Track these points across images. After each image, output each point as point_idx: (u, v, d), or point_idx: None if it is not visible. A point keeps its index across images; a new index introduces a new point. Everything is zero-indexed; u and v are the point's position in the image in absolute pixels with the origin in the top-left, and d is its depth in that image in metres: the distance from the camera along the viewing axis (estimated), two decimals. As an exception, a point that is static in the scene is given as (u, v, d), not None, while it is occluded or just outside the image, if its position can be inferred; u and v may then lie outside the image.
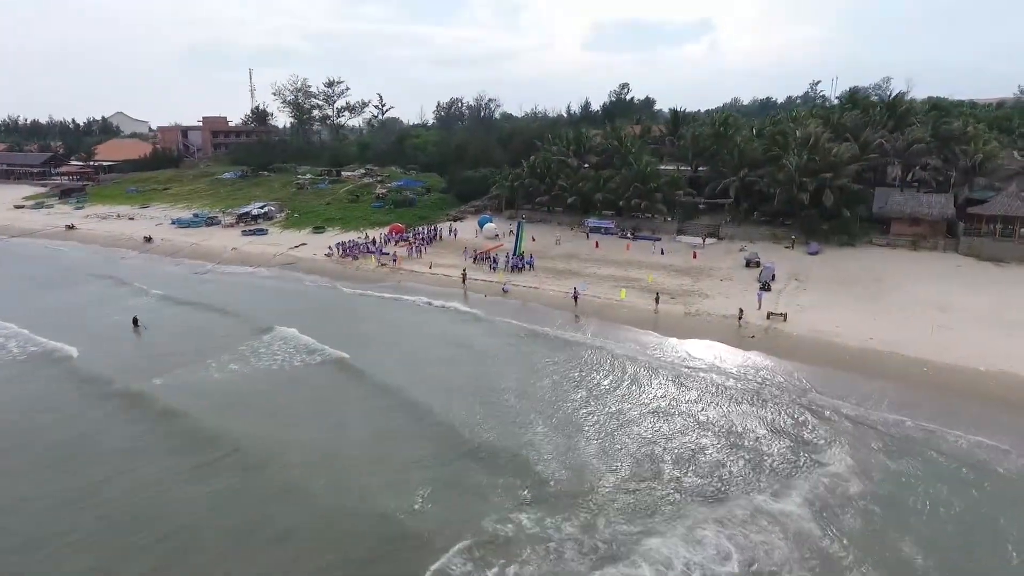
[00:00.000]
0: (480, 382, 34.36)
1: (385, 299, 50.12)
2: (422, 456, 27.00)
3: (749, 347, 38.24)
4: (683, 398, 32.11)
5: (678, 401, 31.80)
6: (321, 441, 28.45)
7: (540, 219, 77.62)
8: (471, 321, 44.80)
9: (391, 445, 28.05)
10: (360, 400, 32.52)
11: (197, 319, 45.64)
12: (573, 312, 45.83)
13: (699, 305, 45.29)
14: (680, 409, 30.91)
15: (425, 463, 26.50)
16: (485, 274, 55.54)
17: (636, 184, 69.36)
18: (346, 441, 28.58)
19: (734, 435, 28.34)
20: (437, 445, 27.90)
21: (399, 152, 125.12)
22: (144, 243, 72.58)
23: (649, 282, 51.08)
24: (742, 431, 28.66)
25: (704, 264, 56.48)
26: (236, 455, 27.08)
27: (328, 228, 78.54)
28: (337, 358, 37.45)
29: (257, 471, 25.97)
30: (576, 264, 58.38)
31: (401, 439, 28.50)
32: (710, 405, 31.35)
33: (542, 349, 39.24)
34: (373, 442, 28.41)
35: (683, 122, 79.17)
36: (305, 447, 27.88)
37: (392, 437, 28.77)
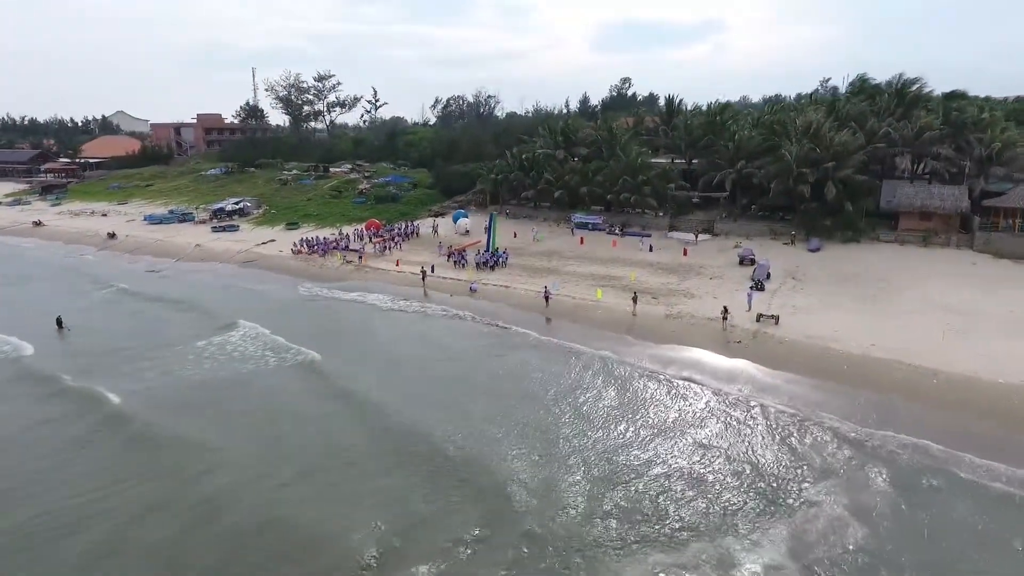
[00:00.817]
0: (421, 392, 30.17)
1: (341, 300, 46.01)
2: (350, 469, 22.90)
3: (734, 354, 33.78)
4: (649, 416, 27.68)
5: (642, 419, 27.39)
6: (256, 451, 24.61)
7: (525, 215, 73.37)
8: (426, 323, 40.67)
9: (325, 454, 24.07)
10: (294, 404, 28.47)
11: (128, 320, 41.83)
12: (542, 314, 41.52)
13: (683, 306, 40.85)
14: (643, 429, 26.50)
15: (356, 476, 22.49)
16: (455, 272, 51.38)
17: (625, 177, 64.91)
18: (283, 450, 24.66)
19: (706, 462, 23.92)
20: (369, 449, 23.84)
21: (391, 148, 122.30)
22: (107, 239, 69.08)
23: (631, 281, 46.73)
24: (716, 457, 24.24)
25: (694, 262, 52.02)
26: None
27: (302, 224, 74.89)
28: (295, 359, 33.54)
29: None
30: (556, 262, 54.09)
31: (336, 449, 24.45)
32: (680, 424, 26.94)
33: (498, 356, 34.98)
34: (309, 449, 24.41)
35: (678, 112, 74.54)
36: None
37: (324, 445, 24.79)
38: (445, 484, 22.55)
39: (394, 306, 44.14)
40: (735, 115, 71.36)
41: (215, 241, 65.84)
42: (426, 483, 22.61)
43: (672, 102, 75.56)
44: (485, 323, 39.93)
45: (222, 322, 39.91)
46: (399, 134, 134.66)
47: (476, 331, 38.78)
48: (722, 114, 70.47)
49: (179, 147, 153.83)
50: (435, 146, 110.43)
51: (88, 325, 40.18)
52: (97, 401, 29.14)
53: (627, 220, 66.56)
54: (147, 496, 22.00)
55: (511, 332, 38.42)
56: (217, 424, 27.16)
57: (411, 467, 23.65)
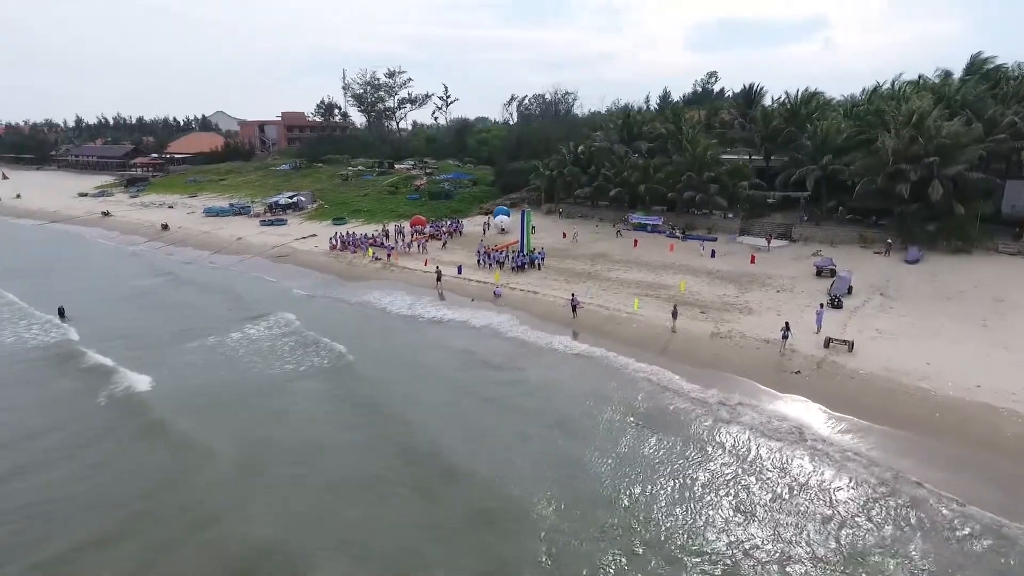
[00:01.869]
0: (406, 409, 25.59)
1: (342, 302, 41.81)
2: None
3: (789, 387, 27.01)
4: (657, 467, 21.76)
5: (647, 470, 21.51)
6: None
7: (581, 214, 67.65)
8: (415, 332, 35.90)
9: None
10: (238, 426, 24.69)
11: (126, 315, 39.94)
12: (567, 326, 35.93)
13: (735, 324, 34.07)
14: (646, 486, 20.66)
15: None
16: (484, 273, 46.57)
17: (690, 174, 57.91)
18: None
19: (727, 540, 17.87)
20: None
21: (461, 146, 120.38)
22: (160, 231, 69.37)
23: (680, 291, 40.26)
24: (740, 538, 18.11)
25: (761, 271, 44.68)
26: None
27: (349, 220, 72.77)
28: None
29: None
30: (602, 266, 48.19)
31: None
32: (694, 482, 20.86)
33: (496, 372, 29.84)
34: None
35: (757, 102, 66.38)
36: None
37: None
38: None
39: (396, 310, 39.72)
40: (823, 105, 62.35)
41: (259, 235, 64.44)
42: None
43: (751, 91, 67.43)
44: (489, 335, 34.75)
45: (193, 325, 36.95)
46: (471, 132, 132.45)
47: (472, 345, 33.51)
48: (807, 104, 61.86)
49: (262, 144, 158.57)
50: (504, 143, 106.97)
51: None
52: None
53: (691, 222, 59.54)
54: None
55: (533, 346, 33.17)
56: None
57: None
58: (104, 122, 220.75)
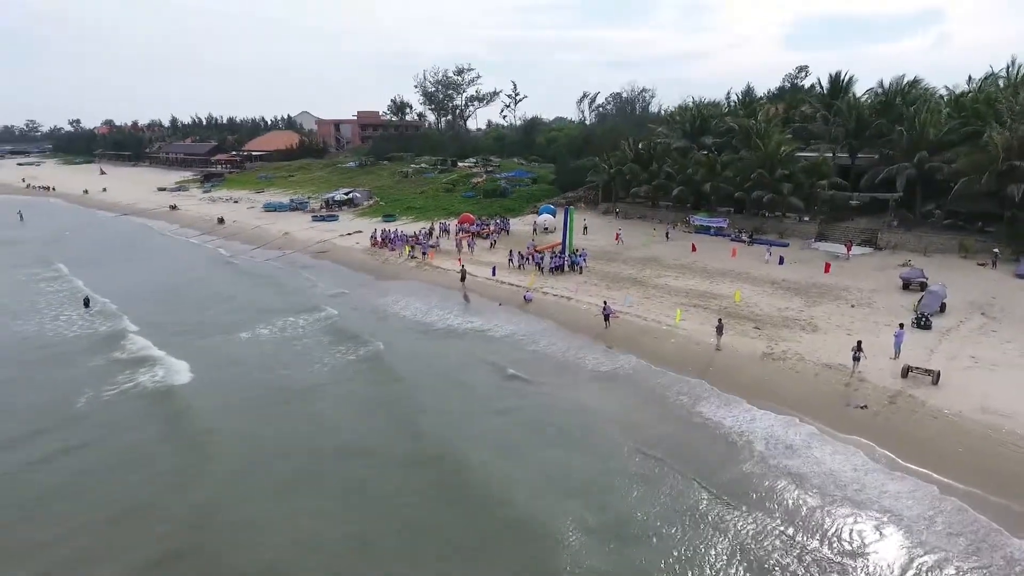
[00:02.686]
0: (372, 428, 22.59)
1: (367, 306, 39.10)
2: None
3: (850, 426, 21.95)
4: (666, 520, 17.59)
5: (656, 520, 17.40)
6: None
7: (640, 214, 62.89)
8: (443, 341, 32.70)
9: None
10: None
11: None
12: (597, 338, 31.84)
13: (793, 343, 28.93)
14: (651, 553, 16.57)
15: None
16: (518, 276, 43.03)
17: (760, 171, 52.11)
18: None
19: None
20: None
21: (528, 144, 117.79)
22: (216, 224, 70.19)
23: (736, 302, 35.28)
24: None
25: (836, 282, 38.84)
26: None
27: (401, 216, 71.16)
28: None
29: None
30: (651, 271, 43.62)
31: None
32: (681, 549, 16.58)
33: (503, 391, 26.28)
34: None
35: (843, 92, 59.21)
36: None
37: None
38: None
39: (412, 315, 36.70)
40: (923, 95, 54.72)
41: (307, 230, 63.72)
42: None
43: (837, 80, 60.29)
44: (508, 346, 31.11)
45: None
46: (542, 130, 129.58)
47: (486, 356, 29.93)
48: (905, 94, 54.55)
49: (337, 142, 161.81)
50: (572, 141, 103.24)
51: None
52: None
53: (761, 225, 53.71)
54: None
55: (542, 358, 29.48)
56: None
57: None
58: (197, 122, 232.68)
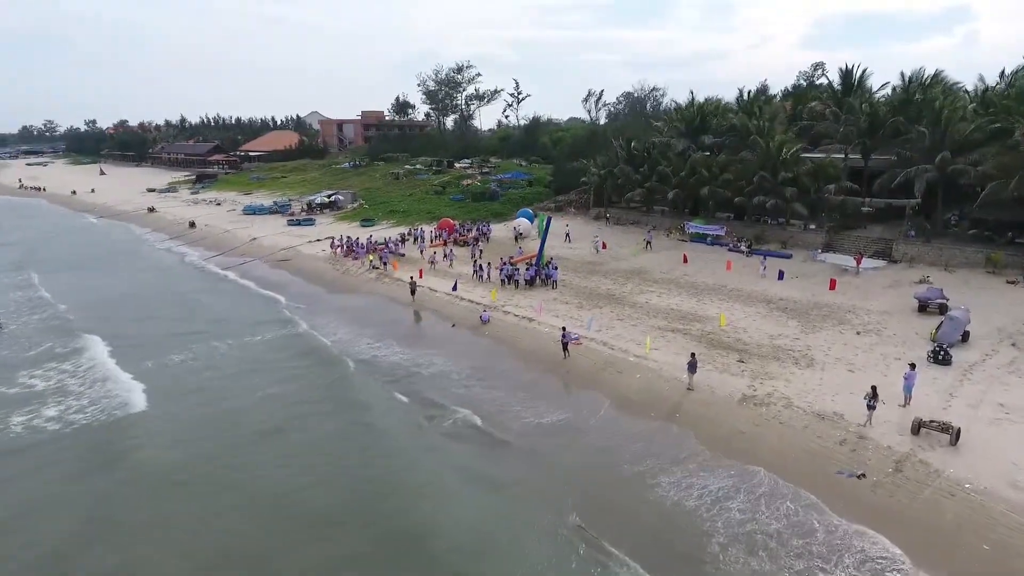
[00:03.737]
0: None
1: (299, 330, 34.45)
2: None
3: (843, 505, 17.08)
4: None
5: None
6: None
7: (633, 220, 57.96)
8: (356, 380, 28.12)
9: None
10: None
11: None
12: (552, 369, 27.21)
13: (782, 383, 24.04)
14: None
15: None
16: (482, 290, 38.42)
17: (762, 174, 47.06)
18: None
19: None
20: None
21: (530, 144, 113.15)
22: (186, 228, 66.61)
23: (721, 326, 30.42)
24: None
25: (841, 301, 33.80)
26: None
27: (382, 221, 67.11)
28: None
29: None
30: (633, 286, 38.83)
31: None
32: None
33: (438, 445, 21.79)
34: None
35: (857, 88, 53.86)
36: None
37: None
38: None
39: (341, 343, 32.11)
40: (947, 92, 49.21)
41: (277, 235, 59.80)
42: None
43: (850, 74, 54.92)
44: (432, 388, 26.30)
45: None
46: (547, 131, 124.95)
47: (394, 407, 25.19)
48: (926, 90, 49.09)
49: (340, 142, 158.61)
50: (576, 141, 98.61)
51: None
52: None
53: (763, 233, 48.64)
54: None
55: (489, 405, 24.90)
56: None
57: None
58: (206, 122, 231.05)
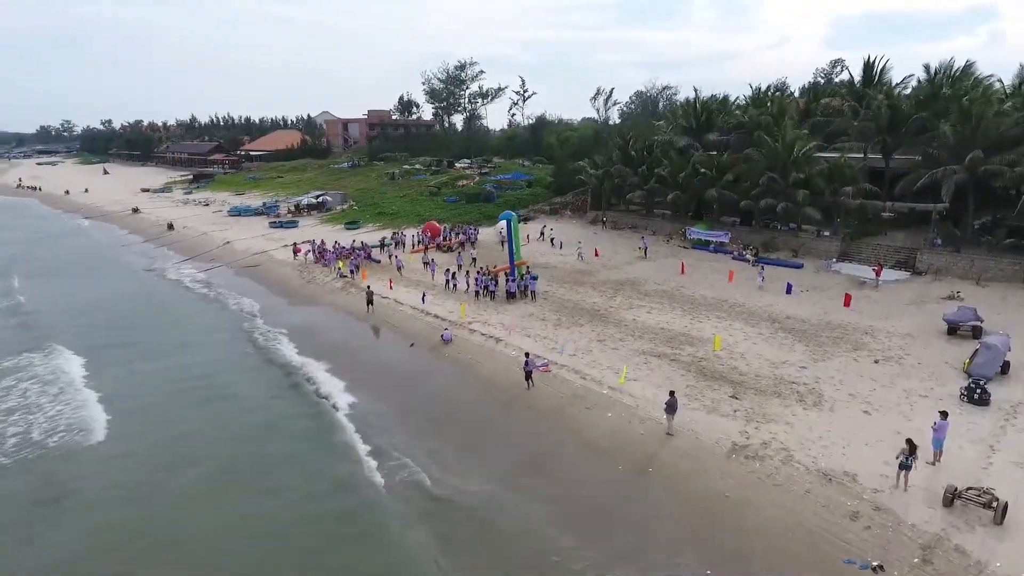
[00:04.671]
0: None
1: (241, 351, 30.66)
2: None
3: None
4: None
5: None
6: None
7: (631, 224, 53.75)
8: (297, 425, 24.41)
9: None
10: None
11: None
12: (510, 403, 23.26)
13: (780, 426, 19.85)
14: None
15: None
16: (453, 302, 34.50)
17: (770, 174, 42.73)
18: None
19: None
20: None
21: (535, 144, 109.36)
22: (164, 231, 63.55)
23: (715, 351, 26.28)
24: None
25: (857, 320, 29.47)
26: None
27: (369, 223, 63.62)
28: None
29: None
30: (622, 299, 34.73)
31: None
32: None
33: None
34: None
35: (878, 81, 49.20)
36: None
37: None
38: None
39: (278, 366, 28.57)
40: (978, 84, 44.51)
41: (254, 239, 56.44)
42: None
43: (869, 67, 50.33)
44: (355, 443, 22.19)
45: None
46: (554, 130, 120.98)
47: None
48: (954, 83, 44.49)
49: (345, 141, 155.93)
50: (582, 141, 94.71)
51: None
52: None
53: (772, 240, 44.33)
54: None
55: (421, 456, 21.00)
56: None
57: None
58: (215, 121, 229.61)
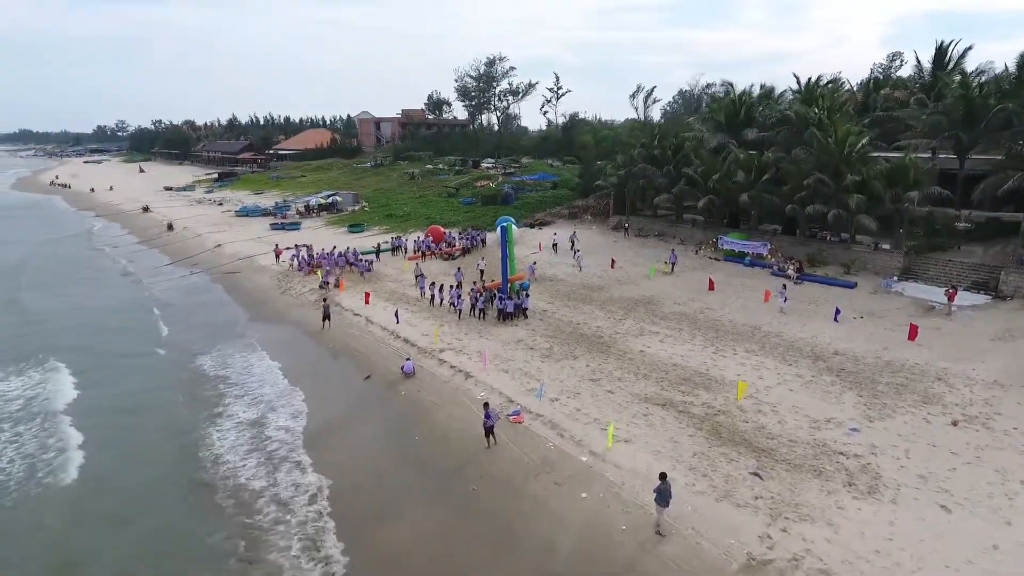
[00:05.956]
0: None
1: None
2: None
3: None
4: None
5: None
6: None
7: (658, 231, 47.67)
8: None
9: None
10: None
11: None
12: (461, 469, 18.00)
13: (819, 529, 13.97)
14: None
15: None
16: (432, 322, 29.37)
17: (819, 176, 36.25)
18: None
19: None
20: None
21: (567, 143, 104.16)
22: (163, 231, 60.58)
23: (738, 400, 20.47)
24: None
25: (927, 359, 23.13)
26: None
27: (374, 227, 59.38)
28: None
29: None
30: (634, 322, 29.04)
31: None
32: None
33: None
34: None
35: (952, 68, 42.05)
36: None
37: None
38: None
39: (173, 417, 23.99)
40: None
41: (248, 241, 52.68)
42: None
43: (943, 52, 43.19)
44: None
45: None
46: (592, 130, 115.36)
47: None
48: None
49: (377, 140, 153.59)
50: (618, 141, 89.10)
51: None
52: None
53: (819, 252, 37.77)
54: None
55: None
56: None
57: None
58: (254, 121, 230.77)
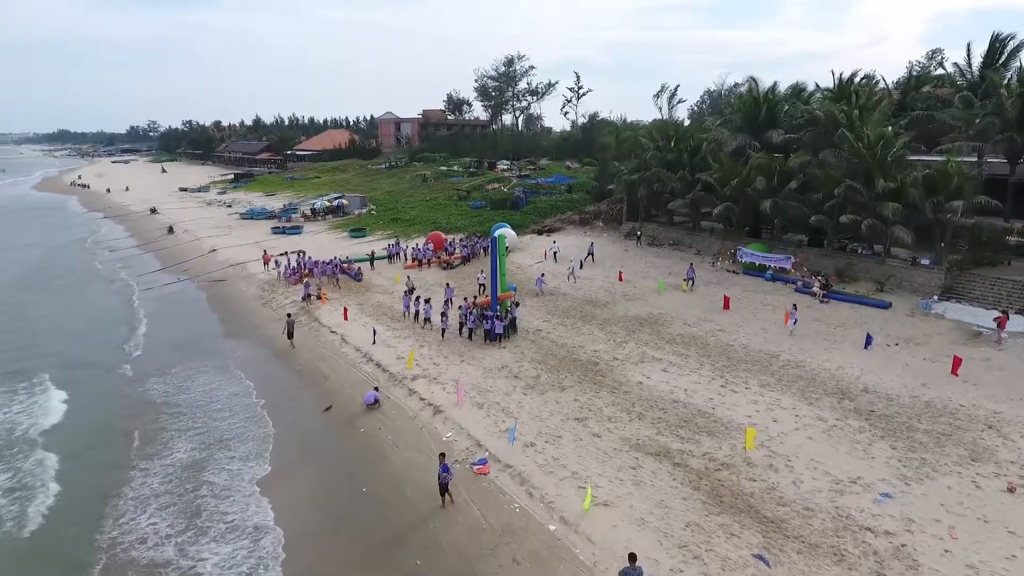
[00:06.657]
0: None
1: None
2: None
3: None
4: None
5: None
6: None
7: (672, 240, 44.36)
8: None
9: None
10: None
11: None
12: (416, 533, 15.20)
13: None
14: None
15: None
16: (412, 341, 26.63)
17: (850, 182, 32.65)
18: None
19: None
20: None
21: (587, 144, 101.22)
22: (165, 234, 59.16)
23: (747, 449, 17.34)
24: None
25: (973, 399, 19.69)
26: None
27: (378, 231, 57.07)
28: None
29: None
30: (636, 345, 25.96)
31: None
32: None
33: None
34: None
35: (1003, 63, 37.96)
36: None
37: None
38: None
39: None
40: None
41: (246, 246, 50.69)
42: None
43: (994, 46, 39.08)
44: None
45: None
46: (615, 130, 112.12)
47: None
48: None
49: (397, 141, 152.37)
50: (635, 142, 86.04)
51: None
52: None
53: (848, 267, 34.17)
54: None
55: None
56: None
57: None
58: (278, 121, 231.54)
